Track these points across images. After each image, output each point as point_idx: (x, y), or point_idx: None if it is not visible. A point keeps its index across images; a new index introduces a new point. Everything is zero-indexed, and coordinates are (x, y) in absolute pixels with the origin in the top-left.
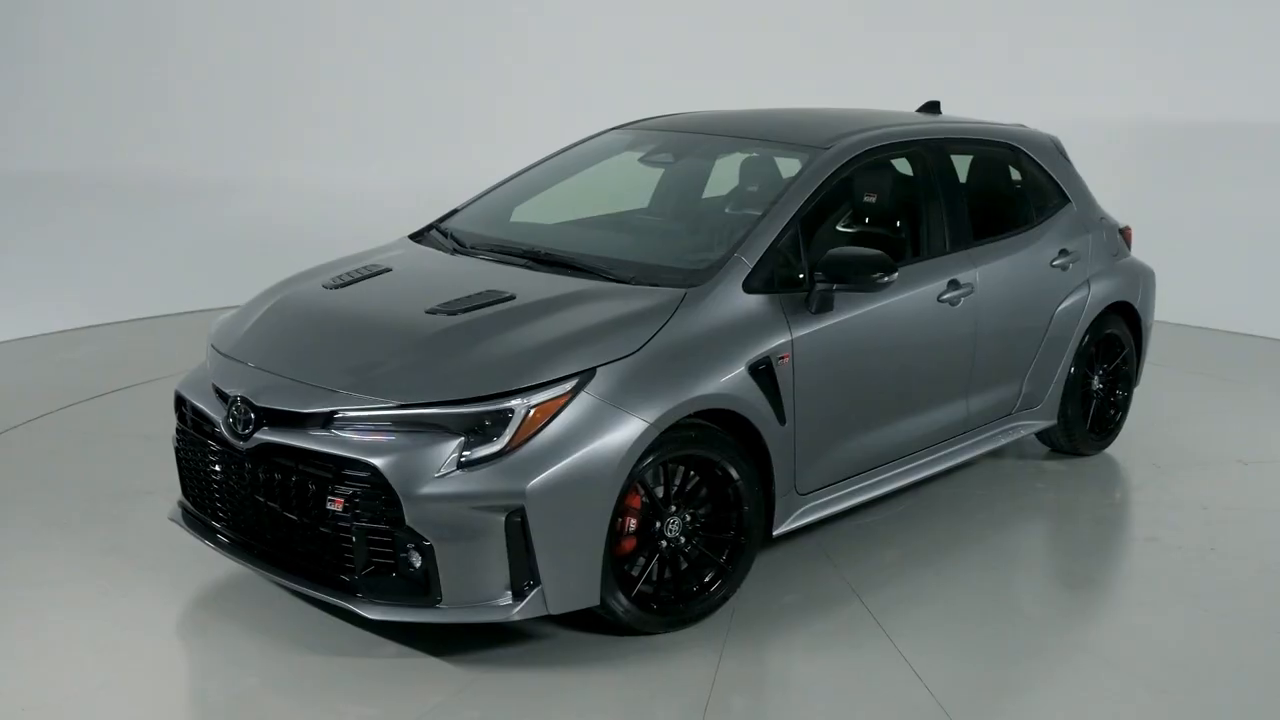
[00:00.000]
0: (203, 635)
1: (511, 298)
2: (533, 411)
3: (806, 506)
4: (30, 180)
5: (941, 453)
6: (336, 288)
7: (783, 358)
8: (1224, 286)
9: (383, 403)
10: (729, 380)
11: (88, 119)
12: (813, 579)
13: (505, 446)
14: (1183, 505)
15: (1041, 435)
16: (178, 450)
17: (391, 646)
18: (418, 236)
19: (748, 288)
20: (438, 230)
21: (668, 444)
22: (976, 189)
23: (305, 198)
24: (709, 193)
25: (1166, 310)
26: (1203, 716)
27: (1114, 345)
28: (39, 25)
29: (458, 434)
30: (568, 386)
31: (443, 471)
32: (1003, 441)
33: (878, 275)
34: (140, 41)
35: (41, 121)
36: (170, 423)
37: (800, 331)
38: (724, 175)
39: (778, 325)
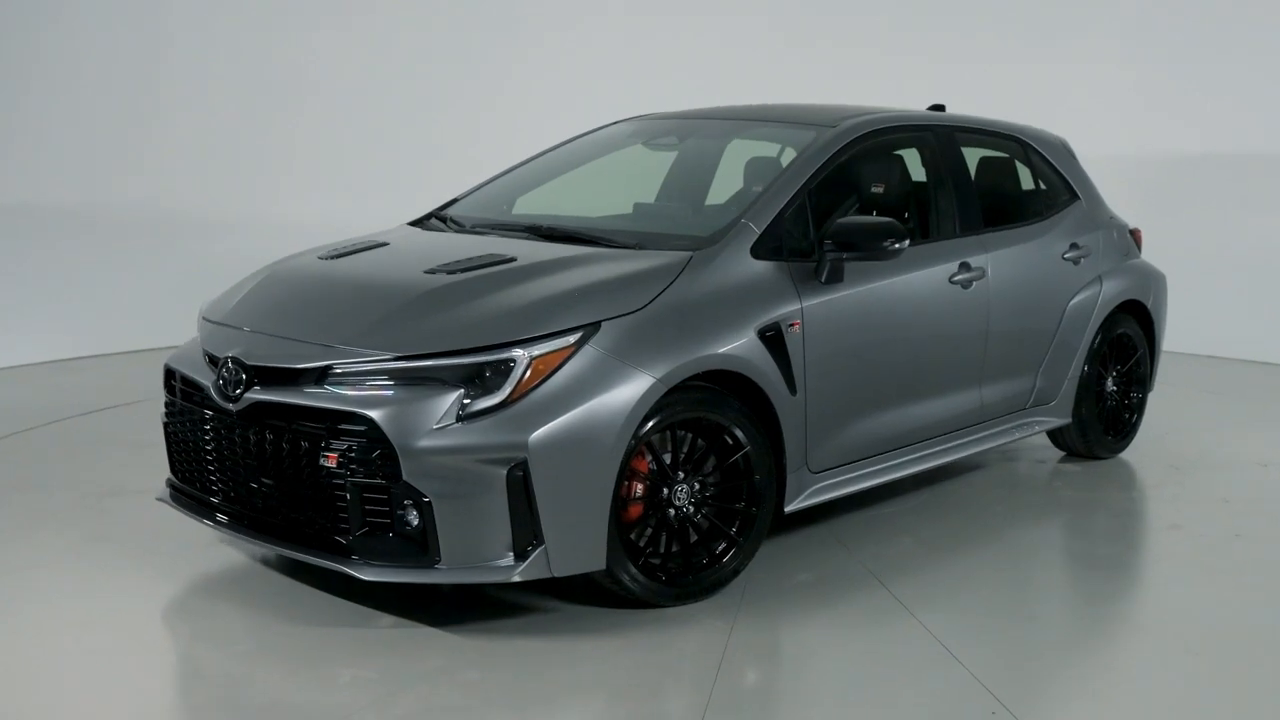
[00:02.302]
0: (192, 611)
1: (513, 259)
2: (535, 362)
3: (819, 485)
4: (22, 212)
5: (956, 442)
6: (332, 258)
7: (793, 325)
8: (1237, 316)
9: (379, 355)
10: (738, 343)
11: (82, 153)
12: (827, 561)
13: (507, 398)
14: (1204, 500)
15: (1057, 439)
16: (166, 426)
17: (388, 618)
18: (416, 224)
19: (755, 254)
20: (436, 218)
21: (675, 404)
22: (985, 180)
23: (299, 234)
24: (717, 184)
25: (1181, 340)
26: (1241, 675)
27: (1127, 346)
28: (35, 53)
29: (457, 386)
30: (571, 339)
31: (441, 423)
32: (1017, 436)
33: (889, 242)
34: (136, 76)
35: (35, 154)
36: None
37: (810, 300)
38: (732, 170)
39: (787, 292)
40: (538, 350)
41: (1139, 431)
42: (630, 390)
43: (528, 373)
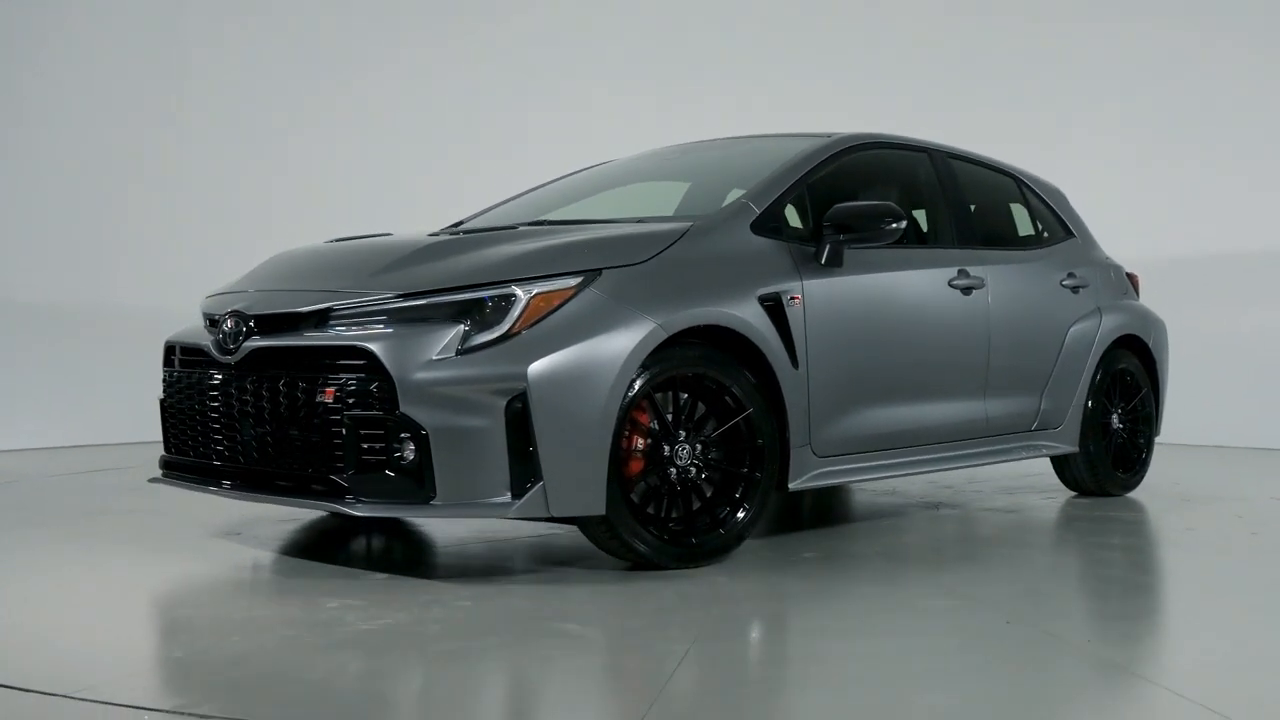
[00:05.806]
0: (174, 575)
1: (516, 227)
2: (535, 299)
3: (822, 470)
4: (21, 310)
5: (962, 451)
6: (337, 242)
7: (793, 299)
8: (1237, 408)
9: (380, 295)
10: (739, 305)
11: (82, 254)
12: (833, 547)
13: (506, 332)
14: (1218, 517)
15: (1066, 477)
16: (163, 402)
17: (380, 575)
18: None
19: (756, 231)
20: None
21: (676, 358)
22: (982, 212)
23: None
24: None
25: (1183, 432)
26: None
27: (1130, 384)
28: (39, 150)
29: (458, 321)
30: (573, 282)
31: (441, 356)
32: (1023, 456)
33: (886, 221)
34: (141, 172)
35: (40, 253)
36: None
37: (811, 280)
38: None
39: (787, 268)
40: (537, 289)
41: (1148, 475)
42: (631, 333)
43: (527, 309)
